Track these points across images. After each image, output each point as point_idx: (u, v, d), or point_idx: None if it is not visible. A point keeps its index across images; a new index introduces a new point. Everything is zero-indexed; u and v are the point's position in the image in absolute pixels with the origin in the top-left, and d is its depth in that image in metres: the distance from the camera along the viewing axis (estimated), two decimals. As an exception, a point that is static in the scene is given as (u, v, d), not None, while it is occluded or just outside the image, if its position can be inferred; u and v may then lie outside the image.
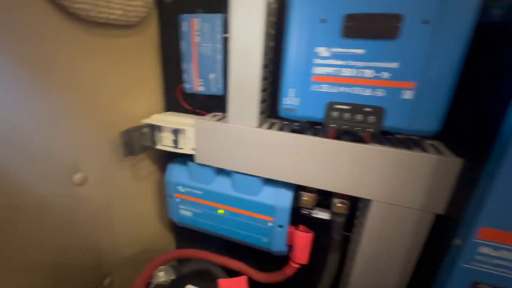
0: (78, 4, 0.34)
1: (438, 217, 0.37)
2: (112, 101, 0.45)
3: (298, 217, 0.51)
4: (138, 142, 0.47)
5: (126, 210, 0.54)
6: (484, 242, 0.30)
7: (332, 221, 0.47)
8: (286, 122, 0.47)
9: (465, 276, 0.32)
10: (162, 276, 0.41)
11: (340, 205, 0.45)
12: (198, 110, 0.54)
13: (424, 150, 0.37)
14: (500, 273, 0.30)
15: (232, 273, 0.56)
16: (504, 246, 0.29)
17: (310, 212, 0.50)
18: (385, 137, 0.41)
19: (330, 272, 0.49)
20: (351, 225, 0.49)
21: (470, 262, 0.31)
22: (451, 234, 0.33)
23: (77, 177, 0.41)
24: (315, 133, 0.42)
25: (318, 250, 0.52)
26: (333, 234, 0.47)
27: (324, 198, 0.48)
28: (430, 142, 0.40)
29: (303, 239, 0.50)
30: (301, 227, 0.53)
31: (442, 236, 0.36)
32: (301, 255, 0.51)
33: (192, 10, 0.48)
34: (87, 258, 0.46)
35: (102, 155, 0.45)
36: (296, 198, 0.48)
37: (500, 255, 0.30)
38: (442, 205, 0.36)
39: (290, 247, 0.52)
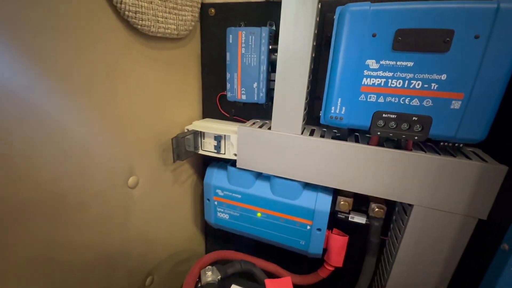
0: (143, 21, 0.37)
1: (481, 222, 0.38)
2: (162, 109, 0.48)
3: (332, 221, 0.52)
4: (184, 148, 0.50)
5: (167, 212, 0.56)
6: (534, 247, 0.31)
7: (369, 225, 0.49)
8: (325, 129, 0.49)
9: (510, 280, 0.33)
10: (210, 275, 0.43)
11: (378, 209, 0.47)
12: (235, 117, 0.57)
13: (467, 157, 0.38)
14: (550, 278, 0.31)
15: (267, 274, 0.58)
16: (555, 251, 0.30)
17: (347, 216, 0.51)
18: (426, 144, 0.43)
19: (367, 275, 0.50)
20: (387, 230, 0.51)
21: (520, 266, 0.32)
22: (498, 239, 0.34)
23: (131, 180, 0.44)
24: (356, 140, 0.43)
25: (352, 254, 0.54)
26: (371, 237, 0.48)
27: (360, 203, 0.50)
28: (470, 149, 0.42)
29: (339, 242, 0.52)
30: (335, 230, 0.55)
31: (487, 241, 0.37)
32: (337, 258, 0.53)
33: (234, 23, 0.51)
34: (134, 256, 0.49)
35: (151, 160, 0.48)
36: (334, 203, 0.50)
37: (551, 260, 0.31)
38: (486, 210, 0.37)
39: (325, 250, 0.54)
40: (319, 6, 0.43)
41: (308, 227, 0.49)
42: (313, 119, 0.51)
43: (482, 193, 0.36)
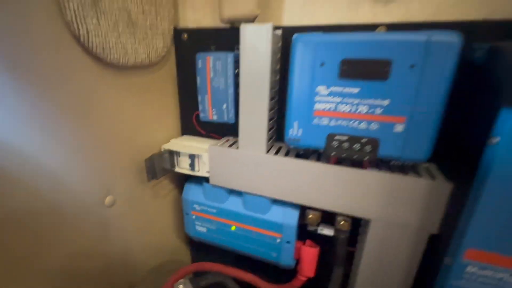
0: (112, 55, 0.40)
1: (434, 237, 0.40)
2: (138, 130, 0.51)
3: (305, 232, 0.55)
4: (159, 167, 0.53)
5: (148, 226, 0.59)
6: (470, 261, 0.33)
7: (336, 237, 0.51)
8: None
9: (456, 292, 0.35)
10: (182, 288, 0.46)
11: (343, 222, 0.49)
12: (212, 134, 0.59)
13: (418, 174, 0.40)
14: (488, 290, 0.33)
15: (244, 285, 0.61)
16: (488, 266, 0.32)
17: (316, 228, 0.53)
18: (382, 162, 0.45)
19: (336, 285, 0.52)
20: (355, 241, 0.53)
21: (459, 280, 0.34)
22: (443, 253, 0.36)
23: (107, 199, 0.47)
24: (318, 158, 0.46)
25: (325, 264, 0.56)
26: (338, 249, 0.51)
27: (328, 215, 0.52)
28: (425, 165, 0.44)
29: (310, 253, 0.54)
30: (308, 242, 0.57)
31: (436, 254, 0.39)
32: (308, 268, 0.55)
33: (206, 47, 0.54)
34: (116, 270, 0.52)
35: (128, 180, 0.51)
36: (303, 216, 0.52)
37: (485, 274, 0.33)
38: (436, 225, 0.39)
39: (298, 261, 0.56)
40: (280, 32, 0.46)
41: (278, 240, 0.52)
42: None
43: (431, 209, 0.39)
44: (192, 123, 0.61)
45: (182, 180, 0.62)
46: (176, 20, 0.56)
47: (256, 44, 0.41)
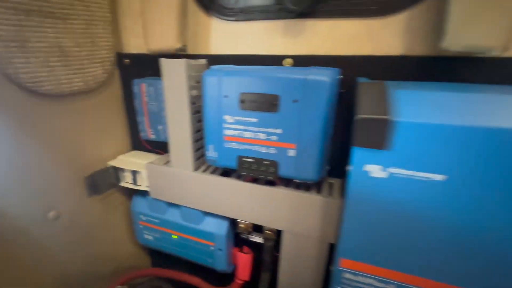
0: (44, 87, 0.45)
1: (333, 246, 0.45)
2: (81, 149, 0.56)
3: (241, 240, 0.60)
4: (103, 182, 0.58)
5: (102, 235, 0.64)
6: (345, 269, 0.38)
7: (264, 244, 0.56)
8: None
9: (339, 295, 0.40)
10: (118, 293, 0.51)
11: (268, 232, 0.54)
12: (157, 150, 0.64)
13: (319, 190, 0.45)
14: (362, 294, 0.39)
15: (189, 286, 0.66)
16: (360, 273, 0.38)
17: (248, 236, 0.58)
18: (292, 180, 0.50)
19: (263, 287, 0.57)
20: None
21: (340, 284, 0.39)
22: (330, 261, 0.41)
23: (51, 214, 0.52)
24: (238, 176, 0.51)
25: (260, 269, 0.61)
26: (264, 255, 0.56)
27: (259, 225, 0.57)
28: (331, 180, 0.49)
29: (244, 259, 0.60)
30: (245, 248, 0.62)
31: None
32: (243, 273, 0.60)
33: (145, 72, 0.58)
34: (67, 278, 0.57)
35: (73, 195, 0.56)
36: (235, 225, 0.58)
37: (358, 280, 0.38)
38: (333, 235, 0.44)
39: (235, 266, 0.61)
40: (205, 61, 0.51)
41: (212, 248, 0.57)
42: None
43: (328, 221, 0.44)
44: (139, 140, 0.65)
45: (133, 193, 0.67)
46: (119, 45, 0.60)
47: (174, 75, 0.46)
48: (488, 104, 0.28)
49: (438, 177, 0.29)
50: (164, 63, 0.46)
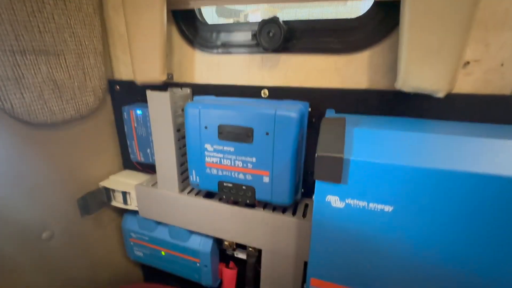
0: (38, 118, 0.48)
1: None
2: (75, 170, 0.59)
3: (226, 256, 0.63)
4: (95, 202, 0.61)
5: (95, 252, 0.67)
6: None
7: (247, 261, 0.59)
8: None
9: (311, 311, 0.43)
10: (108, 310, 0.54)
11: (250, 249, 0.58)
12: (147, 170, 0.68)
13: (294, 212, 0.49)
14: (331, 310, 0.42)
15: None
16: (327, 291, 0.41)
17: (233, 253, 0.62)
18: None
19: (247, 302, 0.60)
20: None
21: (312, 301, 0.43)
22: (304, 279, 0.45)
23: (45, 234, 0.55)
24: (221, 198, 0.54)
25: (245, 283, 0.64)
26: (247, 271, 0.59)
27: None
28: (307, 201, 0.52)
29: (229, 274, 0.63)
30: (231, 264, 0.65)
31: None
32: (229, 287, 0.63)
33: (133, 98, 0.62)
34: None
35: (66, 215, 0.59)
36: (220, 242, 0.61)
37: (327, 298, 0.41)
38: (306, 254, 0.47)
39: (221, 280, 0.65)
40: (189, 90, 0.55)
41: (198, 264, 0.60)
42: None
43: (302, 241, 0.47)
44: (130, 160, 0.69)
45: (125, 211, 0.70)
46: (111, 72, 0.64)
47: (159, 105, 0.50)
48: (431, 144, 0.32)
49: (386, 208, 0.33)
50: (150, 95, 0.50)
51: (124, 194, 0.61)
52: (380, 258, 0.35)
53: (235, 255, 0.62)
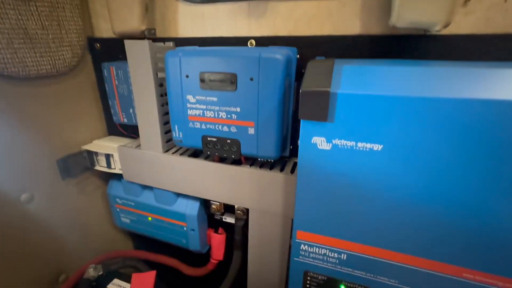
0: (9, 69, 0.45)
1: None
2: (55, 131, 0.56)
3: (215, 222, 0.61)
4: (77, 165, 0.59)
5: (82, 219, 0.65)
6: (302, 241, 0.40)
7: (235, 224, 0.58)
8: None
9: (298, 267, 0.42)
10: (91, 272, 0.53)
11: (238, 212, 0.56)
12: (132, 135, 0.65)
13: (282, 169, 0.47)
14: (318, 264, 0.40)
15: (170, 268, 0.68)
16: (314, 244, 0.39)
17: (221, 217, 0.60)
18: (259, 160, 0.51)
19: (235, 267, 0.59)
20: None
21: (298, 256, 0.41)
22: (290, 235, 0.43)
23: (24, 197, 0.53)
24: (207, 157, 0.52)
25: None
26: (235, 235, 0.58)
27: (231, 206, 0.59)
28: (296, 159, 0.50)
29: (217, 240, 0.61)
30: (220, 230, 0.64)
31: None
32: (218, 253, 0.62)
33: (116, 56, 0.59)
34: (40, 259, 0.58)
35: (47, 178, 0.56)
36: (208, 207, 0.59)
37: (314, 250, 0.40)
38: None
39: (210, 246, 0.63)
40: (171, 43, 0.52)
41: (185, 228, 0.58)
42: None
43: (290, 197, 0.45)
44: (115, 125, 0.66)
45: (110, 176, 0.68)
46: (90, 29, 0.60)
47: (139, 57, 0.47)
48: (424, 76, 0.29)
49: (376, 146, 0.30)
50: (128, 44, 0.46)
51: (108, 157, 0.59)
52: (369, 203, 0.33)
53: (224, 220, 0.60)
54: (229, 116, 0.43)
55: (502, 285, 0.32)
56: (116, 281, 0.54)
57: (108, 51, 0.59)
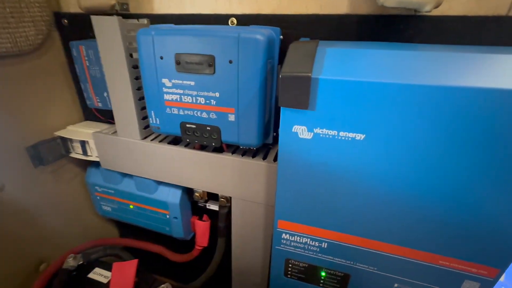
0: (-41, 47, 0.41)
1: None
2: (22, 116, 0.52)
3: (199, 209, 0.60)
4: (50, 153, 0.55)
5: (59, 207, 0.63)
6: (283, 230, 0.39)
7: (219, 212, 0.57)
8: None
9: (279, 255, 0.42)
10: (70, 261, 0.51)
11: (222, 199, 0.55)
12: (110, 120, 0.61)
13: (264, 157, 0.45)
14: (299, 252, 0.40)
15: (153, 254, 0.68)
16: (295, 233, 0.39)
17: (205, 205, 0.59)
18: (241, 148, 0.49)
19: (219, 254, 0.59)
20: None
21: (280, 245, 0.41)
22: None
23: (-7, 186, 0.50)
24: (187, 144, 0.50)
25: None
26: (219, 222, 0.57)
27: (215, 193, 0.58)
28: (280, 148, 0.49)
29: (202, 227, 0.61)
30: (204, 217, 0.63)
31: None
32: (202, 239, 0.62)
33: (85, 34, 0.54)
34: (19, 249, 0.56)
35: (16, 164, 0.53)
36: (190, 194, 0.58)
37: (295, 239, 0.39)
38: (277, 200, 0.45)
39: (195, 233, 0.63)
40: (146, 20, 0.47)
41: (168, 216, 0.57)
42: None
43: (272, 186, 0.44)
44: (92, 110, 0.62)
45: (89, 165, 0.65)
46: (57, 3, 0.55)
47: (109, 35, 0.43)
48: (411, 61, 0.27)
49: (358, 136, 0.29)
50: (95, 21, 0.42)
51: (83, 144, 0.56)
52: (350, 194, 0.33)
53: (208, 207, 0.59)
54: (208, 101, 0.40)
55: (475, 271, 0.33)
56: (97, 270, 0.53)
57: (78, 28, 0.54)
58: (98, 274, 0.52)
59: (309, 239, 0.39)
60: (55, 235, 0.63)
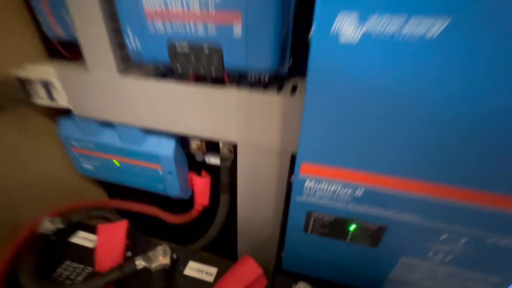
0: None
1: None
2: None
3: (197, 164, 0.52)
4: (5, 98, 0.44)
5: (29, 167, 0.53)
6: (307, 176, 0.31)
7: (221, 165, 0.49)
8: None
9: (300, 208, 0.34)
10: (47, 225, 0.43)
11: (225, 151, 0.46)
12: (81, 59, 0.49)
13: (280, 90, 0.36)
14: (324, 203, 0.33)
15: (147, 217, 0.60)
16: (323, 179, 0.31)
17: (204, 158, 0.50)
18: (246, 80, 0.39)
19: (223, 212, 0.52)
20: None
21: (301, 196, 0.33)
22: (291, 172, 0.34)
23: None
24: (178, 76, 0.39)
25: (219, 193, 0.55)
26: (222, 177, 0.49)
27: (215, 144, 0.49)
28: (297, 80, 0.39)
29: (201, 183, 0.53)
30: (203, 172, 0.55)
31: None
32: (202, 198, 0.54)
33: None
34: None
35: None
36: (186, 146, 0.49)
37: (321, 187, 0.32)
38: (295, 144, 0.36)
39: (193, 191, 0.55)
40: None
41: (160, 172, 0.49)
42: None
43: (290, 126, 0.35)
44: (55, 45, 0.49)
45: (61, 113, 0.54)
46: None
47: None
48: None
49: (433, 28, 0.19)
50: None
51: (46, 85, 0.45)
52: (404, 122, 0.24)
53: (207, 162, 0.51)
54: (204, 7, 0.29)
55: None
56: (80, 233, 0.45)
57: None
58: (82, 238, 0.44)
59: (340, 186, 0.31)
60: (30, 198, 0.54)
